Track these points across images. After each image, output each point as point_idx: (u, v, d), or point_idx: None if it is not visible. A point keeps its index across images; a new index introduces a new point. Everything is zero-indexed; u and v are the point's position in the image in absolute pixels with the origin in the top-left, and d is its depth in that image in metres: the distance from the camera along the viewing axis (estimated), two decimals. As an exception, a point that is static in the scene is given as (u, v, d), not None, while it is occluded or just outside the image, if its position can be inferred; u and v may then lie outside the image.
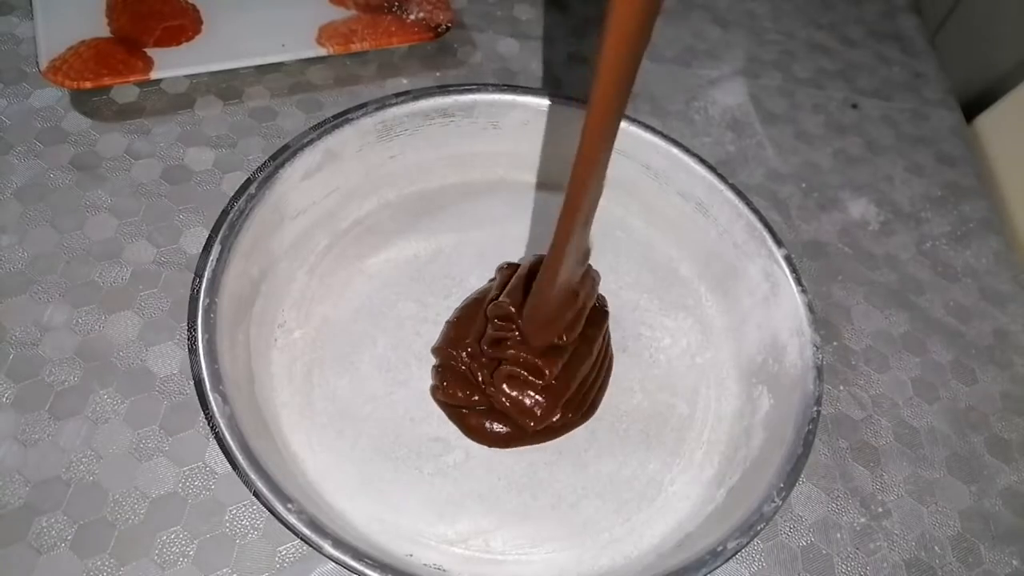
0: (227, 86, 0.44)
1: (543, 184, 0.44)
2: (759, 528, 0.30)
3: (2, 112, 0.41)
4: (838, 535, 0.36)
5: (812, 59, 0.55)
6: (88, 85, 0.40)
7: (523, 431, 0.35)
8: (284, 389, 0.35)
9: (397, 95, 0.39)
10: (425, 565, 0.32)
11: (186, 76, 0.44)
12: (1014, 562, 0.36)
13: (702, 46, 0.54)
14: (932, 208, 0.49)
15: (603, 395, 0.38)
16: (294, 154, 0.36)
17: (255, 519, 0.32)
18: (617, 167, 0.42)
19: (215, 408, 0.30)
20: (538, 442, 0.36)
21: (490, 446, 0.36)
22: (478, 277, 0.40)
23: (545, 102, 0.41)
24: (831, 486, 0.37)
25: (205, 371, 0.30)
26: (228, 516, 0.32)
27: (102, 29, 0.43)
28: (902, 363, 0.42)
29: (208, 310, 0.32)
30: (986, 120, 0.54)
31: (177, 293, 0.37)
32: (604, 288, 0.38)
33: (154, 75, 0.41)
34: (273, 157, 0.37)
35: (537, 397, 0.35)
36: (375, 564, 0.27)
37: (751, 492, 0.32)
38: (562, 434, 0.36)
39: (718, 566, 0.29)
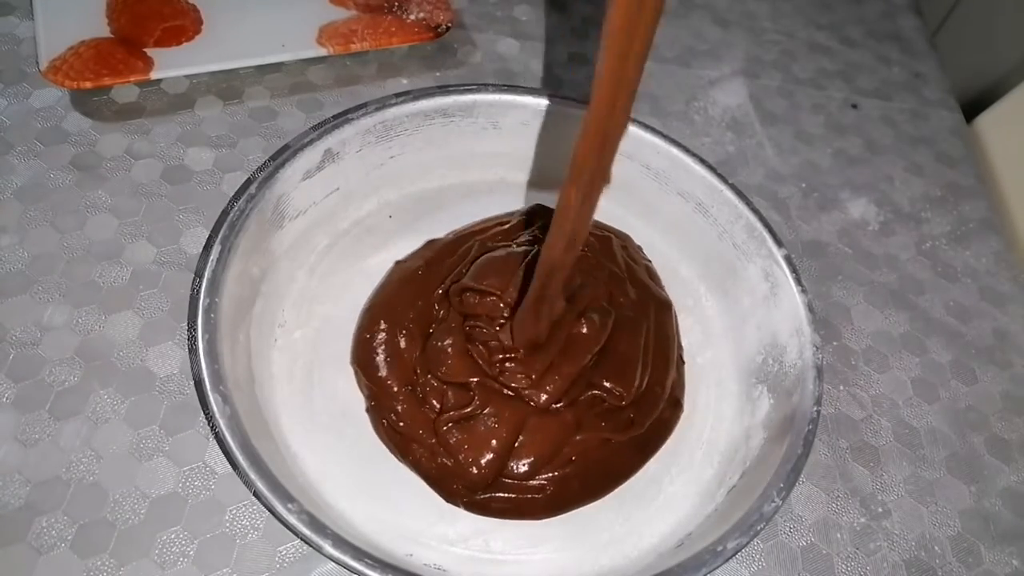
0: (227, 86, 0.44)
1: (542, 184, 0.44)
2: (759, 528, 0.30)
3: (2, 112, 0.41)
4: (838, 535, 0.36)
5: (812, 59, 0.55)
6: (88, 85, 0.40)
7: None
8: (284, 389, 0.35)
9: (397, 95, 0.39)
10: (425, 565, 0.32)
11: (186, 76, 0.44)
12: (1014, 562, 0.36)
13: (702, 46, 0.54)
14: (932, 208, 0.49)
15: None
16: (294, 154, 0.36)
17: (255, 519, 0.32)
18: (617, 167, 0.42)
19: (215, 408, 0.29)
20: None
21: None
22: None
23: (545, 102, 0.41)
24: (831, 486, 0.37)
25: (205, 371, 0.30)
26: (228, 516, 0.32)
27: (102, 29, 0.43)
28: (902, 363, 0.42)
29: (208, 310, 0.32)
30: (986, 120, 0.54)
31: (177, 293, 0.37)
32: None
33: (154, 75, 0.41)
34: (273, 157, 0.37)
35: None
36: (375, 564, 0.27)
37: (751, 492, 0.32)
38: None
39: (718, 566, 0.29)
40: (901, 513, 0.37)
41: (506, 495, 0.34)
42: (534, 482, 0.34)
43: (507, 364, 0.34)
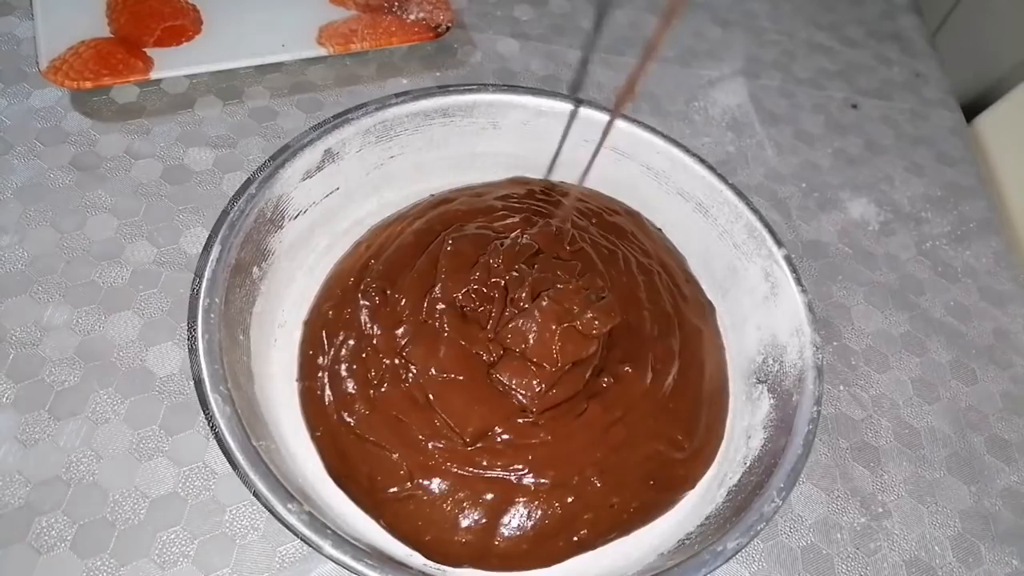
0: (227, 86, 0.44)
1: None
2: (759, 528, 0.30)
3: (2, 112, 0.41)
4: (838, 535, 0.36)
5: (812, 59, 0.55)
6: (88, 85, 0.40)
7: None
8: (284, 389, 0.35)
9: (397, 95, 0.39)
10: (425, 565, 0.31)
11: (186, 76, 0.44)
12: (1014, 562, 0.36)
13: (702, 46, 0.54)
14: (932, 208, 0.49)
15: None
16: (294, 154, 0.36)
17: (255, 519, 0.32)
18: (617, 167, 0.42)
19: (215, 408, 0.29)
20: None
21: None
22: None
23: (545, 102, 0.41)
24: (831, 486, 0.37)
25: (205, 371, 0.30)
26: (228, 516, 0.32)
27: (102, 29, 0.43)
28: (902, 363, 0.42)
29: (208, 310, 0.32)
30: (986, 120, 0.54)
31: (177, 293, 0.37)
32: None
33: (154, 75, 0.41)
34: (273, 157, 0.37)
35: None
36: (375, 564, 0.27)
37: (751, 492, 0.32)
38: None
39: (718, 566, 0.29)
40: (901, 513, 0.37)
41: (502, 561, 0.31)
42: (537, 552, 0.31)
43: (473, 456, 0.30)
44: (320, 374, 0.33)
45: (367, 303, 0.33)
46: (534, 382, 0.31)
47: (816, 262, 0.45)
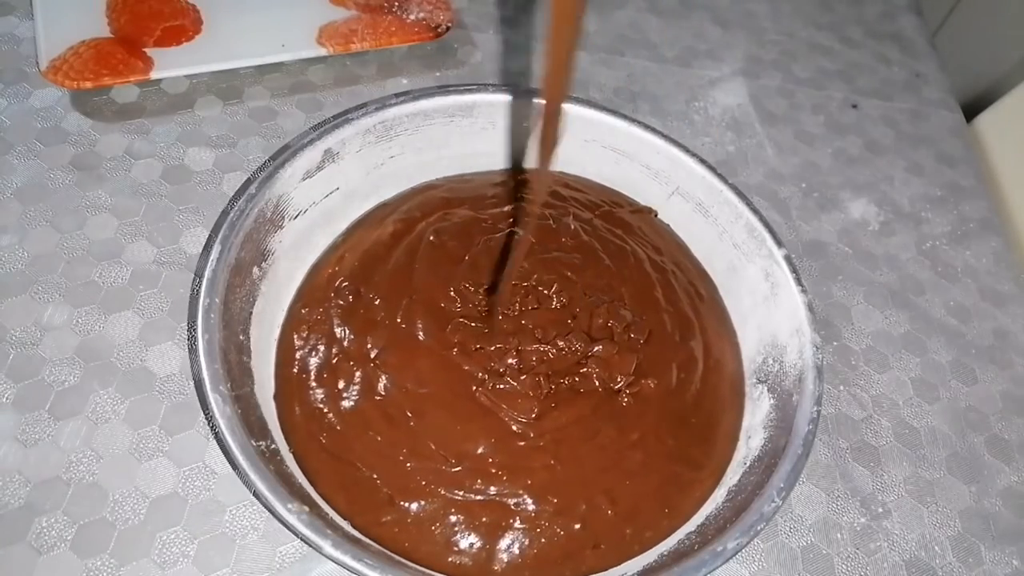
0: (227, 86, 0.44)
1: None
2: (759, 528, 0.30)
3: (2, 112, 0.41)
4: (838, 535, 0.36)
5: (812, 59, 0.55)
6: (88, 85, 0.40)
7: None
8: (284, 389, 0.35)
9: (397, 95, 0.39)
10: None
11: (186, 76, 0.44)
12: (1014, 562, 0.36)
13: (702, 46, 0.54)
14: (932, 208, 0.49)
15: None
16: (294, 154, 0.36)
17: (255, 519, 0.32)
18: (617, 167, 0.42)
19: (215, 408, 0.29)
20: None
21: None
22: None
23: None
24: (831, 486, 0.37)
25: (205, 371, 0.30)
26: (228, 516, 0.32)
27: (102, 29, 0.43)
28: (902, 363, 0.42)
29: (208, 310, 0.32)
30: (986, 120, 0.54)
31: (177, 293, 0.37)
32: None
33: (154, 75, 0.41)
34: (273, 157, 0.37)
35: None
36: (375, 564, 0.27)
37: (751, 492, 0.32)
38: None
39: (718, 566, 0.29)
40: (901, 513, 0.37)
41: None
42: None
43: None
44: (289, 383, 0.31)
45: (340, 303, 0.31)
46: (527, 407, 0.29)
47: (816, 262, 0.45)
